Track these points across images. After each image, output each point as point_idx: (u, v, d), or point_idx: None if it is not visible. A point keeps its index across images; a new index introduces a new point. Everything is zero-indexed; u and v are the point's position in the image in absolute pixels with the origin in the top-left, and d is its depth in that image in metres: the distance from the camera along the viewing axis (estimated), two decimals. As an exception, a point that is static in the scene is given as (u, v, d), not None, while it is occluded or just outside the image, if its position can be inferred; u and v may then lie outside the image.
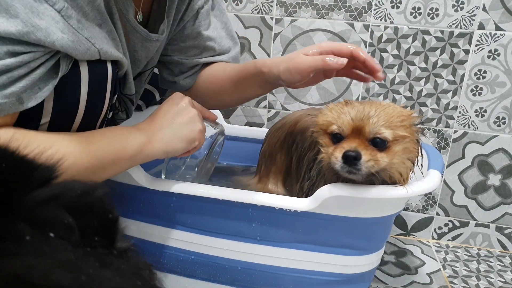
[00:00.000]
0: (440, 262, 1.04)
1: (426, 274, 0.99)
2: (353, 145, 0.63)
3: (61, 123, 0.60)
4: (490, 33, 0.99)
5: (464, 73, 1.03)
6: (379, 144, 0.63)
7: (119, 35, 0.66)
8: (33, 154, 0.37)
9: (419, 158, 0.68)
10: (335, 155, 0.64)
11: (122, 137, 0.64)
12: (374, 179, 0.66)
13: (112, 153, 0.61)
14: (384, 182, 0.67)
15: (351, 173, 0.64)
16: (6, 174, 0.34)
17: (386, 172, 0.65)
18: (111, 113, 0.76)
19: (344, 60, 0.66)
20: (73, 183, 0.37)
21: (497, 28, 0.98)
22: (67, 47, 0.54)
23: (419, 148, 0.67)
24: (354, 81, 1.09)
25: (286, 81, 0.73)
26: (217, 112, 1.02)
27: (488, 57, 1.01)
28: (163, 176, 0.81)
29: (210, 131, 0.79)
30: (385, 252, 1.06)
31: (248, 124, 1.18)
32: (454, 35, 1.01)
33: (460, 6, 0.99)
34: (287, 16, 1.08)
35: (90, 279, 0.31)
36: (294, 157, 0.86)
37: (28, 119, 0.57)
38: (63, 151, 0.55)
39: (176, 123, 0.69)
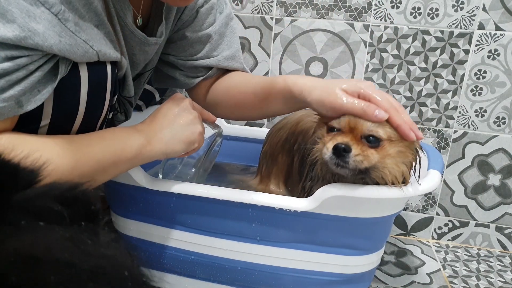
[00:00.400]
0: (440, 262, 1.05)
1: (426, 274, 0.99)
2: (345, 139, 0.64)
3: (61, 125, 0.60)
4: (490, 33, 0.99)
5: (464, 73, 1.03)
6: (372, 141, 0.64)
7: (118, 37, 0.65)
8: (18, 158, 0.38)
9: (417, 167, 0.68)
10: (327, 146, 0.65)
11: (121, 139, 0.64)
12: (366, 178, 0.66)
13: (112, 155, 0.61)
14: (377, 184, 0.67)
15: (339, 166, 0.64)
16: None
17: (378, 172, 0.65)
18: (111, 113, 0.76)
19: (385, 117, 0.62)
20: (57, 182, 0.38)
21: (497, 28, 0.98)
22: (65, 51, 0.53)
23: (418, 156, 0.67)
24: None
25: (316, 110, 0.70)
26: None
27: (488, 57, 1.01)
28: (160, 176, 0.81)
29: (208, 132, 0.79)
30: (385, 252, 1.06)
31: (248, 124, 1.18)
32: (454, 35, 1.01)
33: (460, 6, 0.99)
34: (287, 16, 1.08)
35: (90, 250, 0.32)
36: (296, 157, 0.86)
37: (27, 122, 0.57)
38: (48, 155, 0.54)
39: (176, 124, 0.69)
